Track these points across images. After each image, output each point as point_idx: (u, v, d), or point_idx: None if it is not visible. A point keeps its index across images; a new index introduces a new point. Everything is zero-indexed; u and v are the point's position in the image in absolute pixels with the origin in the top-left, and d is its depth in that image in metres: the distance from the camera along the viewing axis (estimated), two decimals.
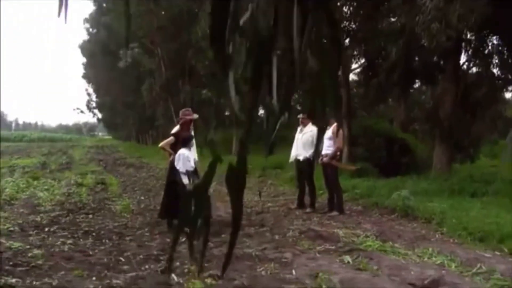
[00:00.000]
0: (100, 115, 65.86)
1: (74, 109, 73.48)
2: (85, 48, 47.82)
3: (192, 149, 7.26)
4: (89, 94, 62.48)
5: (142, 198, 9.99)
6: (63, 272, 4.45)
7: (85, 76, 57.80)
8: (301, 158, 7.90)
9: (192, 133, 7.44)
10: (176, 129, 7.21)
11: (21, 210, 8.11)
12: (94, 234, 6.42)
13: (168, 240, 6.08)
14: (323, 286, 3.82)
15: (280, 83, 1.02)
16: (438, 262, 4.78)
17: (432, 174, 10.46)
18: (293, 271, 4.47)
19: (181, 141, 6.57)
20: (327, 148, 7.52)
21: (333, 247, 5.45)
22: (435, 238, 5.93)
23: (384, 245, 5.43)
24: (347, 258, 4.90)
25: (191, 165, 6.53)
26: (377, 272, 4.34)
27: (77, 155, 27.64)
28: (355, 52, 12.58)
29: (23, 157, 22.37)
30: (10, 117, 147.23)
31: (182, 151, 6.45)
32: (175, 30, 27.16)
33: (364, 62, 12.71)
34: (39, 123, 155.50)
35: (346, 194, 8.90)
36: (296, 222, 6.99)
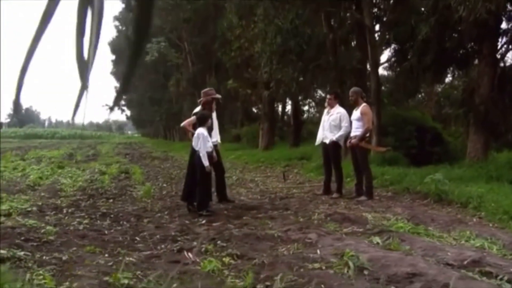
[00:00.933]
0: (128, 113, 66.66)
1: (102, 106, 74.33)
2: (114, 45, 48.39)
3: (214, 130, 7.00)
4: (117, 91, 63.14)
5: (165, 185, 9.82)
6: (74, 248, 4.25)
7: (113, 73, 58.49)
8: (327, 141, 7.52)
9: (214, 114, 7.18)
10: (198, 109, 6.96)
11: (43, 194, 8.04)
12: (112, 216, 6.25)
13: (187, 222, 5.84)
14: (350, 264, 3.47)
15: None
16: (478, 244, 4.36)
17: (467, 162, 9.89)
18: (318, 251, 4.14)
19: (197, 120, 6.30)
20: (356, 129, 7.13)
21: (361, 229, 5.08)
22: (472, 222, 5.48)
23: (416, 227, 5.03)
24: (377, 239, 4.53)
25: (210, 145, 6.25)
26: (410, 252, 3.96)
27: (104, 149, 27.85)
28: (387, 36, 12.09)
29: (52, 150, 22.67)
30: (44, 115, 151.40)
31: (201, 130, 6.18)
32: (201, 23, 27.04)
33: (394, 47, 12.22)
34: (71, 121, 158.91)
35: (375, 181, 8.45)
36: (322, 206, 6.64)
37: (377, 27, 13.07)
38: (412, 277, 3.26)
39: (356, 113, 7.13)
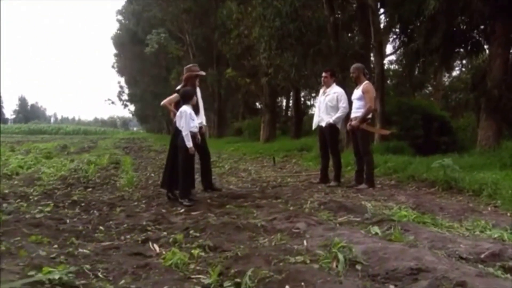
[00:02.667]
0: (132, 108, 66.02)
1: (105, 100, 73.76)
2: (116, 39, 47.76)
3: (200, 112, 6.34)
4: (121, 87, 62.58)
5: (152, 175, 9.17)
6: (18, 238, 3.61)
7: (115, 67, 57.91)
8: (323, 124, 6.83)
9: (199, 93, 6.53)
10: (180, 86, 6.30)
11: (16, 182, 7.43)
12: (82, 204, 5.64)
13: (164, 211, 5.20)
14: (340, 257, 2.80)
15: None
16: (495, 235, 3.67)
17: (477, 151, 9.15)
18: (305, 242, 3.48)
19: (181, 96, 5.63)
20: (357, 110, 6.43)
21: (358, 219, 4.42)
22: (487, 211, 4.78)
23: (422, 216, 4.34)
24: (375, 229, 3.86)
25: (195, 125, 5.59)
26: (415, 243, 3.29)
27: (104, 143, 27.26)
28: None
29: (47, 143, 22.11)
30: (49, 112, 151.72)
31: (184, 108, 5.51)
32: (202, 13, 26.38)
33: (399, 28, 11.46)
34: (76, 117, 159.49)
35: (377, 169, 7.78)
36: (317, 195, 5.97)
37: (381, 10, 12.35)
38: (416, 273, 2.59)
39: (357, 92, 6.43)
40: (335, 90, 6.77)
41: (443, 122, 12.13)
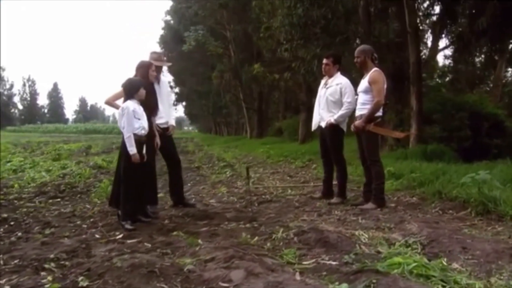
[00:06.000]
0: (180, 107, 66.22)
1: None
2: (161, 39, 47.67)
3: (163, 109, 5.13)
4: (171, 87, 62.74)
5: None
6: None
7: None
8: (323, 124, 5.39)
9: (166, 88, 5.33)
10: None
11: None
12: (12, 223, 4.73)
13: (98, 236, 4.05)
14: None
15: None
16: None
17: None
18: None
19: (123, 89, 4.40)
20: (362, 106, 4.95)
21: (334, 263, 3.04)
22: None
23: (430, 264, 2.85)
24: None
25: (142, 126, 4.36)
26: None
27: None
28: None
29: (76, 143, 21.86)
30: (108, 112, 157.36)
31: (126, 104, 4.30)
32: (239, 8, 25.29)
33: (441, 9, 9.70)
34: None
35: (398, 181, 6.25)
36: (306, 217, 4.57)
37: None
38: None
39: (363, 82, 4.94)
40: (339, 81, 5.31)
41: (496, 121, 10.22)
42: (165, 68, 6.12)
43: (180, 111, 67.74)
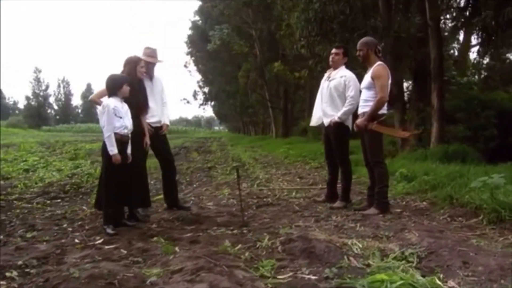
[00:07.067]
0: (208, 107, 66.21)
1: (181, 100, 74.48)
2: (191, 38, 47.78)
3: (155, 107, 4.90)
4: (200, 86, 62.65)
5: (152, 182, 7.85)
6: None
7: (187, 66, 57.89)
8: (326, 121, 5.05)
9: (161, 85, 5.10)
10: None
11: None
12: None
13: (78, 241, 3.86)
14: None
15: None
16: None
17: None
18: None
19: (105, 86, 4.18)
20: (365, 103, 4.58)
21: (314, 277, 2.72)
22: None
23: (419, 282, 2.47)
24: None
25: (124, 125, 4.13)
26: None
27: None
28: None
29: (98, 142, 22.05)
30: None
31: (107, 102, 4.08)
32: (264, 6, 25.00)
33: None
34: None
35: (411, 183, 5.83)
36: (300, 223, 4.24)
37: None
38: None
39: (366, 78, 4.57)
40: (343, 73, 4.95)
41: None
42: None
43: (209, 111, 67.81)
